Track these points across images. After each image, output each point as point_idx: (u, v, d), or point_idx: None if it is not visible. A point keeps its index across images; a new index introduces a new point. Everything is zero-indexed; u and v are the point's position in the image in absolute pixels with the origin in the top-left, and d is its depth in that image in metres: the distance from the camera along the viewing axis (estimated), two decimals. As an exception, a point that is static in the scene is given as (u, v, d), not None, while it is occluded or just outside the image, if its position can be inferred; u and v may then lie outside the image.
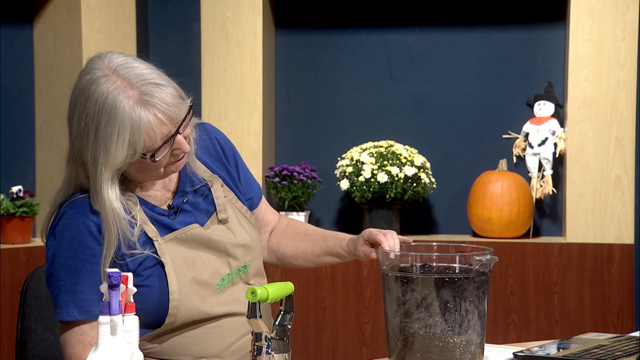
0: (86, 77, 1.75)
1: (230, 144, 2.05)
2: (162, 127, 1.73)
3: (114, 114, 1.71)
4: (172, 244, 1.85)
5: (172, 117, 1.74)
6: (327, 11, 3.93)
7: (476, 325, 1.73)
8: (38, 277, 2.14)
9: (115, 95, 1.71)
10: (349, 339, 3.60)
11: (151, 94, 1.73)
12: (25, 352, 2.10)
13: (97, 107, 1.72)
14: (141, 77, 1.74)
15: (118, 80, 1.73)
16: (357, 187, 3.63)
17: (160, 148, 1.75)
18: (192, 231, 1.88)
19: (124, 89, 1.72)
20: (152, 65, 1.81)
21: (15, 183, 3.65)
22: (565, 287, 3.50)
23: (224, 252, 1.90)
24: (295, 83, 3.96)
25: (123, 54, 1.78)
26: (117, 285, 1.44)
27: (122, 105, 1.71)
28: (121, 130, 1.71)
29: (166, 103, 1.74)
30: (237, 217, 1.97)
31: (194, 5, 3.88)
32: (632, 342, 1.93)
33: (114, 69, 1.74)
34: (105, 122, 1.71)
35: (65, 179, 1.85)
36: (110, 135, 1.71)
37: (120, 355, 1.44)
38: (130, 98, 1.72)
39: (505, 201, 3.58)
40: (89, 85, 1.74)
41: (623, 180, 3.50)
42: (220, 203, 1.93)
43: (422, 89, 3.88)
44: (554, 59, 3.77)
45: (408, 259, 1.76)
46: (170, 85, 1.77)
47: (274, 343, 1.57)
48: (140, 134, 1.72)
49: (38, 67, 3.73)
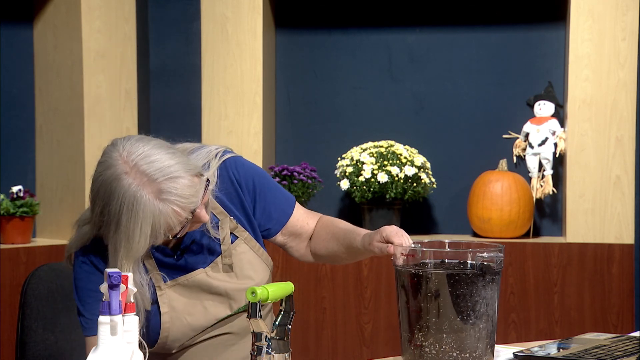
0: (107, 173, 1.80)
1: (249, 175, 2.06)
2: (180, 217, 1.81)
3: (136, 210, 1.78)
4: (174, 290, 1.95)
5: (189, 207, 1.81)
6: (327, 11, 3.93)
7: (486, 321, 1.74)
8: (38, 277, 2.14)
9: (136, 191, 1.78)
10: (349, 339, 3.59)
11: (169, 191, 1.78)
12: (25, 352, 2.10)
13: (119, 204, 1.79)
14: (160, 171, 1.79)
15: (138, 176, 1.78)
16: (357, 187, 3.63)
17: (180, 230, 1.84)
18: (195, 278, 1.96)
19: (144, 185, 1.78)
20: (164, 142, 1.85)
21: (16, 183, 3.65)
22: (565, 287, 3.50)
23: (225, 296, 1.98)
24: (295, 83, 3.96)
25: (141, 141, 1.83)
26: (117, 285, 1.44)
27: (143, 200, 1.78)
28: (143, 225, 1.79)
29: (183, 197, 1.80)
30: (248, 257, 2.01)
31: (194, 5, 3.88)
32: (632, 342, 1.93)
33: (134, 164, 1.79)
34: (127, 217, 1.78)
35: None
36: (133, 229, 1.79)
37: (120, 355, 1.44)
38: (150, 194, 1.78)
39: (505, 201, 3.58)
40: (111, 181, 1.79)
41: (623, 180, 3.49)
42: (226, 249, 1.99)
43: (422, 89, 3.88)
44: (554, 59, 3.77)
45: (422, 256, 1.76)
46: (186, 175, 1.81)
47: (274, 343, 1.57)
48: (160, 225, 1.79)
49: (38, 67, 3.73)
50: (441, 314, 1.72)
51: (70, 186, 3.62)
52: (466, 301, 1.72)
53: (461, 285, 1.71)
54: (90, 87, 3.56)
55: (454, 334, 1.72)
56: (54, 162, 3.68)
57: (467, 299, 1.72)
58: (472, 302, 1.72)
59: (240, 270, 1.99)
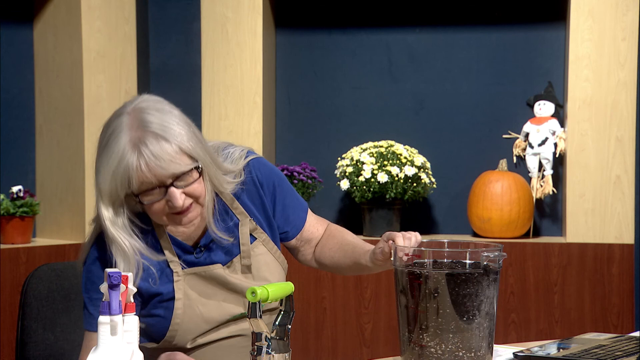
0: (117, 110, 1.85)
1: (270, 176, 2.06)
2: (140, 175, 1.79)
3: (110, 146, 1.80)
4: (191, 278, 1.93)
5: (156, 171, 1.79)
6: (327, 11, 3.93)
7: (490, 320, 1.74)
8: (38, 277, 2.14)
9: (121, 130, 1.80)
10: (349, 339, 3.60)
11: (145, 145, 1.78)
12: (26, 352, 2.10)
13: (106, 135, 1.82)
14: (151, 123, 1.80)
15: (133, 120, 1.80)
16: (357, 187, 3.63)
17: (144, 193, 1.82)
18: (213, 271, 1.94)
19: (131, 128, 1.79)
20: (180, 114, 1.86)
21: (16, 183, 3.65)
22: (565, 287, 3.50)
23: (241, 294, 1.96)
24: (295, 83, 3.96)
25: (160, 99, 1.86)
26: (117, 285, 1.44)
27: (121, 140, 1.79)
28: (109, 163, 1.80)
29: (155, 156, 1.79)
30: (266, 259, 2.01)
31: (194, 5, 3.88)
32: (632, 342, 1.93)
33: (138, 109, 1.82)
34: (102, 150, 1.82)
35: None
36: (101, 164, 1.82)
37: (120, 355, 1.44)
38: (130, 138, 1.79)
39: (505, 201, 3.58)
40: (112, 116, 1.84)
41: (623, 180, 3.50)
42: (245, 250, 1.98)
43: (422, 89, 3.88)
44: (554, 59, 3.77)
45: (425, 256, 1.77)
46: (174, 142, 1.81)
47: (274, 343, 1.57)
48: (119, 172, 1.79)
49: (38, 67, 3.73)
50: (447, 314, 1.71)
51: (70, 186, 3.63)
52: (472, 301, 1.72)
53: (467, 285, 1.72)
54: (90, 87, 3.56)
55: (460, 333, 1.72)
56: (54, 162, 3.68)
57: (473, 299, 1.72)
58: (478, 301, 1.72)
59: (257, 271, 1.99)
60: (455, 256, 1.77)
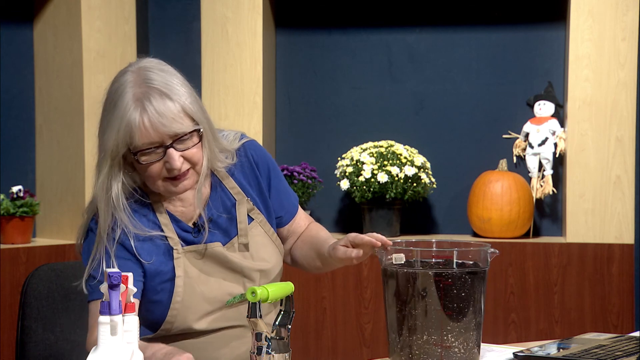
0: (121, 70, 1.87)
1: (265, 158, 2.06)
2: (145, 133, 1.80)
3: (115, 101, 1.82)
4: (191, 256, 1.91)
5: (158, 128, 1.80)
6: (327, 11, 3.93)
7: (473, 320, 1.76)
8: (38, 277, 2.14)
9: (125, 86, 1.82)
10: (349, 339, 3.59)
11: (149, 101, 1.80)
12: (26, 352, 2.10)
13: (111, 91, 1.85)
14: (155, 81, 1.82)
15: (137, 77, 1.82)
16: (357, 187, 3.63)
17: (144, 151, 1.82)
18: (213, 249, 1.93)
19: (134, 84, 1.81)
20: (182, 78, 1.88)
21: (16, 183, 3.65)
22: (565, 287, 3.50)
23: (240, 273, 1.95)
24: (295, 83, 3.96)
25: (164, 63, 1.89)
26: (117, 285, 1.44)
27: (126, 96, 1.81)
28: (113, 120, 1.81)
29: (158, 113, 1.80)
30: (263, 241, 2.00)
31: (194, 5, 3.88)
32: (632, 342, 1.93)
33: (141, 67, 1.84)
34: (107, 106, 1.84)
35: None
36: (106, 120, 1.83)
37: (120, 355, 1.44)
38: (134, 94, 1.80)
39: (505, 201, 3.58)
40: (117, 75, 1.87)
41: (623, 180, 3.49)
42: (242, 227, 1.97)
43: (422, 89, 3.88)
44: (554, 59, 3.77)
45: (415, 256, 1.79)
46: (178, 102, 1.82)
47: (274, 343, 1.57)
48: (122, 127, 1.80)
49: (38, 67, 3.73)
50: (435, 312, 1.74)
51: (71, 186, 3.63)
52: (461, 299, 1.74)
53: (455, 284, 1.74)
54: (90, 87, 3.56)
55: (448, 330, 1.74)
56: (54, 162, 3.68)
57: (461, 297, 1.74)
58: (466, 299, 1.75)
59: (255, 251, 1.98)
60: (443, 256, 1.80)
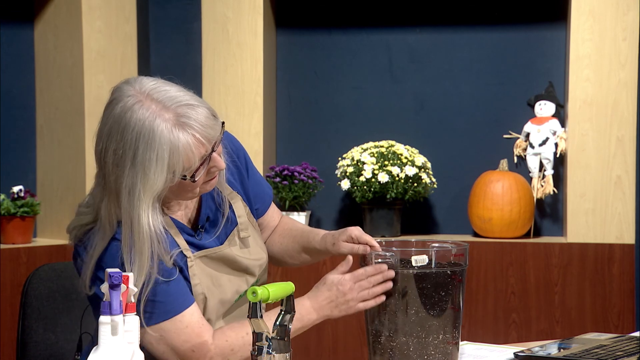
0: (119, 106, 1.72)
1: (241, 149, 2.04)
2: (200, 148, 1.73)
3: (152, 138, 1.68)
4: (201, 262, 1.89)
5: (209, 138, 1.74)
6: (327, 11, 3.93)
7: (451, 318, 1.82)
8: (39, 277, 2.14)
9: (152, 119, 1.69)
10: (349, 339, 3.59)
11: (187, 116, 1.71)
12: (26, 352, 2.10)
13: (135, 134, 1.69)
14: (175, 99, 1.73)
15: (152, 104, 1.71)
16: (358, 187, 3.63)
17: (198, 168, 1.74)
18: (223, 251, 1.91)
19: (159, 112, 1.70)
20: (181, 86, 1.80)
21: (16, 183, 3.65)
22: (566, 287, 3.50)
23: (244, 271, 1.95)
24: (295, 83, 3.96)
25: (151, 78, 1.78)
26: (118, 285, 1.44)
27: (159, 128, 1.69)
28: (160, 154, 1.69)
29: (202, 124, 1.73)
30: (253, 234, 1.99)
31: (195, 5, 3.88)
32: (632, 342, 1.93)
33: (147, 94, 1.72)
34: (144, 147, 1.68)
35: (91, 204, 1.86)
36: (149, 160, 1.69)
37: (121, 355, 1.44)
38: (167, 121, 1.69)
39: (506, 201, 3.58)
40: (124, 113, 1.71)
41: (624, 180, 3.49)
42: (243, 222, 1.96)
43: (423, 89, 3.88)
44: (554, 59, 3.77)
45: None
46: (203, 106, 1.76)
47: (274, 343, 1.57)
48: (179, 155, 1.70)
49: (38, 67, 3.73)
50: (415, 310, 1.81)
51: (71, 186, 3.63)
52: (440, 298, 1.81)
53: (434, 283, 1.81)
54: (90, 87, 3.56)
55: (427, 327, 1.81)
56: (55, 162, 3.68)
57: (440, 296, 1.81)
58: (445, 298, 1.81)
59: (252, 246, 1.98)
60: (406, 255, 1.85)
